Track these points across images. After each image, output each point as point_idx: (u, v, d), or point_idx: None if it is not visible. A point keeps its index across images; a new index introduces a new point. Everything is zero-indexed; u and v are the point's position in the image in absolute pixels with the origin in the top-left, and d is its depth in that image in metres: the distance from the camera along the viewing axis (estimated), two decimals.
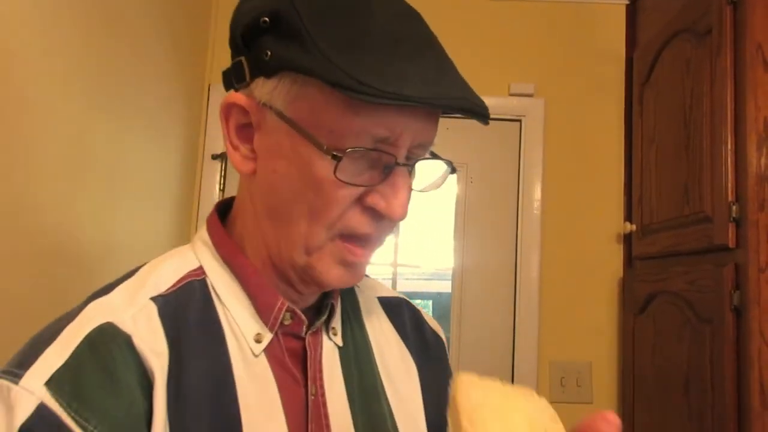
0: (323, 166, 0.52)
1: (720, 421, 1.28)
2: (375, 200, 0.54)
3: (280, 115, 0.54)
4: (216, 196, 1.97)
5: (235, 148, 0.58)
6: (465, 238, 2.02)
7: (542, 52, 2.07)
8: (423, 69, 0.51)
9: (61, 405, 0.47)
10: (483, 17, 2.06)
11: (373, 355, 0.67)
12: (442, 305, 2.06)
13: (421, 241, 2.08)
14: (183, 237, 1.88)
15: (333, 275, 0.56)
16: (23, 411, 0.46)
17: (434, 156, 0.59)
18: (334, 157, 0.50)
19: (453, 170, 0.60)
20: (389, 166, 0.53)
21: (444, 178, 0.61)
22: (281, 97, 0.54)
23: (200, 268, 0.60)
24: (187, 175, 1.89)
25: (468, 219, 2.03)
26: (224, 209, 0.65)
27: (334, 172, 0.51)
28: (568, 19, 2.08)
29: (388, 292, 0.77)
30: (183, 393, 0.52)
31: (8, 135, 0.99)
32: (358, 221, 0.54)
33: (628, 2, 2.06)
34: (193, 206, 1.95)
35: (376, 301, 0.74)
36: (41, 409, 0.46)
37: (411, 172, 0.56)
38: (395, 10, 0.54)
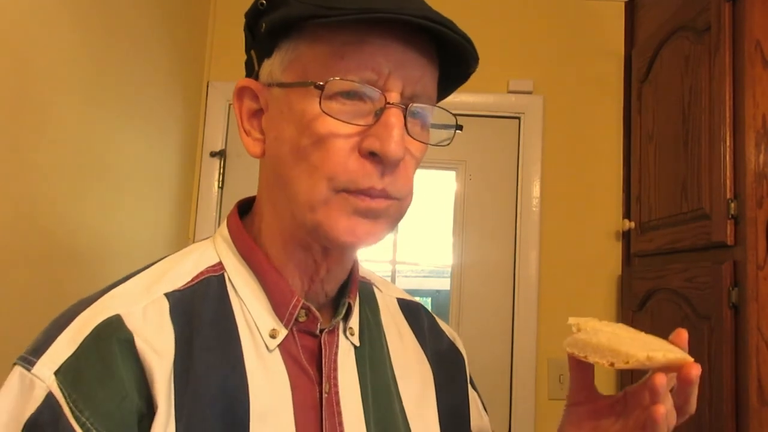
0: (313, 104, 0.53)
1: (718, 418, 1.29)
2: (370, 143, 0.53)
3: (280, 84, 0.56)
4: (215, 194, 1.97)
5: (248, 133, 0.61)
6: (464, 236, 2.02)
7: (541, 50, 2.07)
8: None
9: (64, 395, 0.49)
10: (482, 14, 2.06)
11: (389, 356, 0.67)
12: (441, 302, 2.06)
13: (420, 239, 2.08)
14: (182, 234, 1.88)
15: (342, 227, 0.54)
16: (35, 399, 0.48)
17: (446, 117, 0.59)
18: (317, 87, 0.52)
19: (459, 127, 0.60)
20: (381, 108, 0.54)
21: (452, 133, 0.61)
22: (278, 68, 0.57)
23: (219, 263, 0.61)
24: (185, 172, 1.89)
25: (467, 216, 2.03)
26: (246, 207, 0.66)
27: (320, 104, 0.52)
28: (567, 16, 2.08)
29: (408, 297, 0.78)
30: (192, 385, 0.52)
31: (7, 134, 0.99)
32: (358, 170, 0.53)
33: None
34: (192, 204, 1.95)
35: (396, 302, 0.75)
36: (49, 398, 0.48)
37: (406, 117, 0.55)
38: None
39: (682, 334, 0.59)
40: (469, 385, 0.77)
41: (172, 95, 1.74)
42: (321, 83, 0.52)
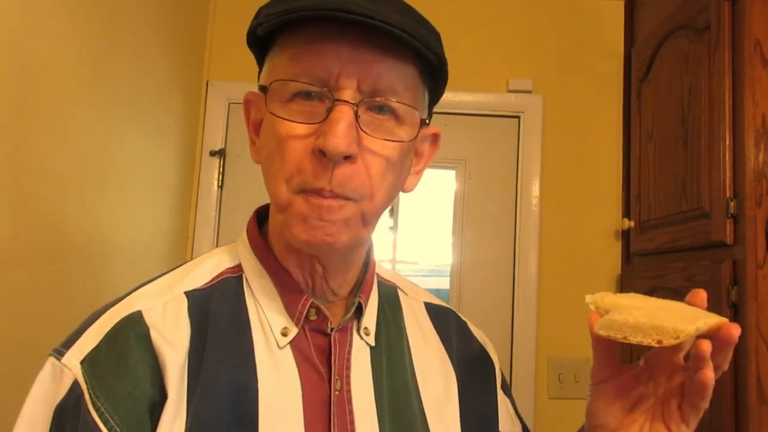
0: (271, 108, 0.57)
1: (717, 417, 1.29)
2: (318, 141, 0.54)
3: (264, 90, 0.59)
4: (214, 193, 1.96)
5: (253, 142, 0.64)
6: (463, 235, 2.02)
7: (541, 49, 2.07)
8: None
9: (86, 382, 0.52)
10: (481, 13, 2.06)
11: (409, 357, 0.68)
12: None
13: (420, 238, 2.08)
14: (182, 233, 1.88)
15: (298, 229, 0.55)
16: (64, 386, 0.53)
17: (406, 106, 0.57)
18: (261, 89, 0.56)
19: (423, 122, 0.58)
20: (331, 106, 0.54)
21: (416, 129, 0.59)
22: (263, 78, 0.61)
23: (239, 265, 0.64)
24: (185, 172, 1.89)
25: (466, 215, 2.03)
26: (266, 212, 0.68)
27: (266, 105, 0.56)
28: (566, 15, 2.08)
29: (437, 301, 0.78)
30: (203, 378, 0.55)
31: (9, 134, 0.99)
32: (309, 170, 0.54)
33: None
34: (192, 203, 1.95)
35: (422, 305, 0.76)
36: (74, 385, 0.52)
37: (359, 113, 0.55)
38: None
39: (701, 293, 0.62)
40: (500, 390, 0.76)
41: (172, 94, 1.74)
42: (265, 85, 0.56)
